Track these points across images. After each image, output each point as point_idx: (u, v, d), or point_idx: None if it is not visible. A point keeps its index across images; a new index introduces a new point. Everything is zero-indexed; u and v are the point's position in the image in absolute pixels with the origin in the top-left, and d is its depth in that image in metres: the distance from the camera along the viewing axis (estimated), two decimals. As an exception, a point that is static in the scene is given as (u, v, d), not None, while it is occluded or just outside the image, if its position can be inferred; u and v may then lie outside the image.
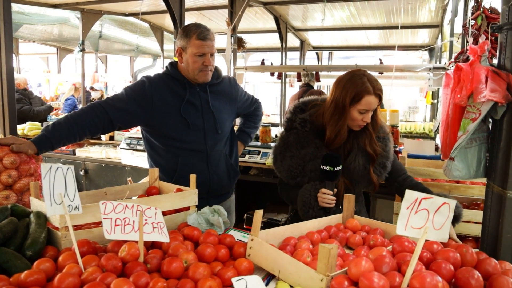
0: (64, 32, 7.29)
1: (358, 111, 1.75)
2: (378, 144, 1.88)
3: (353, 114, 1.76)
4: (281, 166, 1.90)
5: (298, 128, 1.88)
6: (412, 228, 1.01)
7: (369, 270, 1.01)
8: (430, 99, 6.42)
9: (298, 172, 1.84)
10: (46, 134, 1.86)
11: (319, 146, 1.84)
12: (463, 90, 1.28)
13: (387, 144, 1.92)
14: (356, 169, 1.83)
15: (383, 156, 1.89)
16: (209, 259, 1.26)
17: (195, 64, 2.06)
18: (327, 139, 1.83)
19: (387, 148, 1.91)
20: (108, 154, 4.16)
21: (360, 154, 1.85)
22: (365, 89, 1.72)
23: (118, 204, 1.24)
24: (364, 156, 1.85)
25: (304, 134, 1.86)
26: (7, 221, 1.32)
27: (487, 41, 1.35)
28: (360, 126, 1.80)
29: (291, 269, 1.17)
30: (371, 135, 1.86)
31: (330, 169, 1.68)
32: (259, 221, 1.30)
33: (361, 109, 1.74)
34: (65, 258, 1.14)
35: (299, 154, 1.84)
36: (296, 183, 1.86)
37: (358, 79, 1.76)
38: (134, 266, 1.11)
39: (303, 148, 1.84)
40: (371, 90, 1.73)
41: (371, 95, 1.73)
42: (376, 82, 1.77)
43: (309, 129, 1.87)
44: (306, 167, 1.83)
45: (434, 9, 5.59)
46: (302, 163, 1.83)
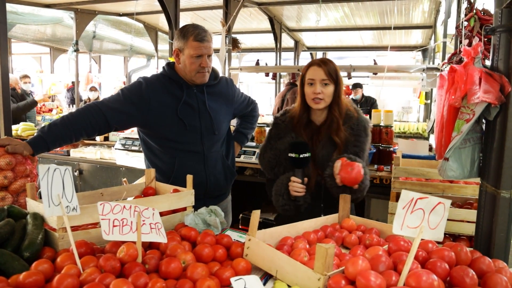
0: (58, 32, 7.24)
1: (307, 84, 1.88)
2: (348, 133, 1.91)
3: (306, 90, 1.91)
4: (263, 159, 2.02)
5: (279, 123, 2.02)
6: (408, 228, 1.02)
7: (366, 269, 1.03)
8: (424, 99, 6.48)
9: (275, 162, 1.95)
10: (42, 135, 1.85)
11: (294, 136, 1.94)
12: (457, 91, 1.30)
13: (360, 134, 1.93)
14: (324, 157, 1.89)
15: (355, 146, 1.90)
16: (206, 259, 1.27)
17: (192, 66, 2.06)
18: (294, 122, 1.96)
19: (361, 139, 1.92)
20: (103, 155, 4.15)
21: (328, 143, 1.92)
22: (310, 63, 1.93)
23: (116, 205, 1.24)
24: (332, 144, 1.91)
25: (282, 126, 2.00)
26: (4, 222, 1.31)
27: (480, 43, 1.38)
28: (315, 101, 1.87)
29: (289, 269, 1.19)
30: (339, 122, 1.91)
31: (296, 155, 1.75)
32: (257, 222, 1.31)
33: (308, 79, 1.88)
34: (63, 259, 1.14)
35: (277, 145, 1.96)
36: (274, 174, 1.95)
37: (311, 60, 1.97)
38: (133, 266, 1.12)
39: (280, 139, 1.96)
40: (315, 62, 1.90)
41: (314, 65, 1.88)
42: (323, 59, 1.93)
43: (288, 122, 1.99)
44: (281, 157, 1.92)
45: (427, 10, 5.65)
46: (278, 153, 1.94)
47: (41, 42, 7.94)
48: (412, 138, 4.74)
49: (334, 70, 1.88)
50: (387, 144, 3.15)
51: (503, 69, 1.31)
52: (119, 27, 6.78)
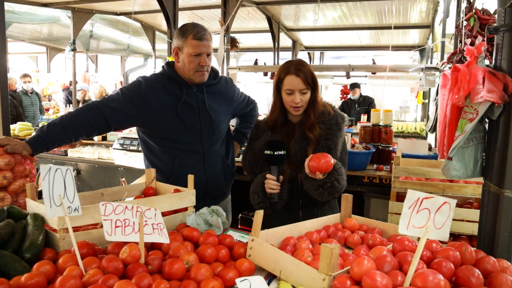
0: (54, 31, 7.20)
1: (285, 92, 1.85)
2: (320, 127, 1.90)
3: (283, 97, 1.88)
4: (244, 161, 2.03)
5: (258, 124, 2.05)
6: (414, 228, 1.02)
7: (372, 270, 1.02)
8: (421, 99, 6.50)
9: (254, 161, 1.96)
10: (41, 135, 1.84)
11: (270, 134, 1.95)
12: (461, 90, 1.30)
13: (331, 127, 1.91)
14: (297, 153, 1.90)
15: (327, 139, 1.89)
16: (209, 259, 1.26)
17: (191, 64, 2.05)
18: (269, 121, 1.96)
19: (332, 132, 1.90)
20: (101, 155, 4.12)
21: (300, 139, 1.92)
22: (286, 70, 1.85)
23: (118, 205, 1.23)
24: (304, 140, 1.91)
25: (259, 127, 2.02)
26: (4, 223, 1.30)
27: (483, 42, 1.37)
28: (294, 109, 1.87)
29: (293, 269, 1.18)
30: (312, 120, 1.91)
31: (271, 152, 1.76)
32: (260, 222, 1.30)
33: (286, 89, 1.84)
34: (65, 260, 1.13)
35: (254, 145, 1.97)
36: (254, 174, 1.96)
37: (284, 64, 1.89)
38: (136, 267, 1.11)
39: (257, 138, 1.98)
40: (291, 70, 1.82)
41: (291, 75, 1.82)
42: (298, 65, 1.84)
43: (264, 123, 2.01)
44: (257, 155, 1.94)
45: (425, 10, 5.66)
46: (256, 151, 1.95)
47: (37, 41, 7.89)
48: (411, 138, 4.75)
49: (311, 76, 1.84)
50: (387, 144, 3.16)
51: (506, 69, 1.30)
52: (116, 26, 6.75)
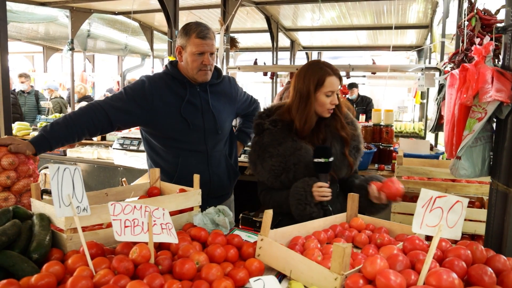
0: (51, 31, 7.15)
1: (324, 94, 1.83)
2: (349, 127, 1.94)
3: (321, 99, 1.84)
4: (262, 169, 1.89)
5: (270, 128, 1.91)
6: (427, 226, 1.02)
7: (385, 269, 1.02)
8: (419, 99, 6.52)
9: (281, 169, 1.85)
10: (44, 134, 1.82)
11: (295, 139, 1.88)
12: (469, 90, 1.30)
13: (356, 129, 1.98)
14: (334, 155, 1.85)
15: (355, 140, 1.95)
16: (219, 259, 1.25)
17: (194, 63, 2.04)
18: (297, 129, 1.88)
19: (357, 133, 1.97)
20: (100, 155, 4.10)
21: (334, 140, 1.90)
22: (325, 72, 1.83)
23: (127, 205, 1.22)
24: (339, 141, 1.91)
25: (278, 132, 1.90)
26: (10, 223, 1.28)
27: (492, 42, 1.38)
28: (329, 111, 1.86)
29: (304, 269, 1.17)
30: (341, 119, 1.92)
31: (326, 160, 1.73)
32: (269, 221, 1.29)
33: (327, 91, 1.82)
34: (75, 261, 1.12)
35: (278, 152, 1.86)
36: (280, 182, 1.86)
37: (316, 66, 1.88)
38: (146, 268, 1.10)
39: (280, 145, 1.87)
40: (331, 72, 1.83)
41: (332, 76, 1.83)
42: (332, 66, 1.87)
43: (281, 126, 1.91)
44: (288, 162, 1.84)
45: (422, 10, 5.68)
46: (283, 159, 1.85)
47: (34, 41, 7.84)
48: (411, 138, 4.76)
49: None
50: (388, 144, 3.16)
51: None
52: (114, 26, 6.72)
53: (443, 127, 2.89)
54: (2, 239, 1.19)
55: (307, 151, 1.84)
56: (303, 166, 1.82)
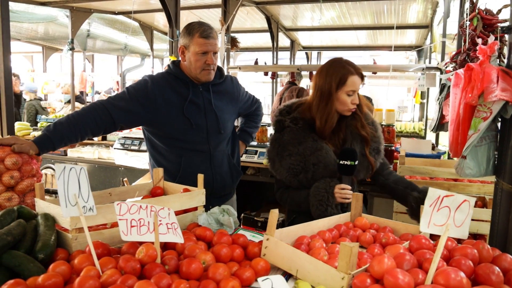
0: (51, 31, 7.14)
1: (346, 93, 1.81)
2: (370, 128, 1.93)
3: (342, 98, 1.82)
4: (281, 167, 1.89)
5: (291, 126, 1.90)
6: (435, 226, 1.02)
7: (392, 268, 1.02)
8: (419, 98, 6.53)
9: (300, 168, 1.84)
10: (48, 134, 1.82)
11: (316, 139, 1.87)
12: (474, 89, 1.30)
13: (377, 129, 1.97)
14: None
15: (375, 141, 1.94)
16: (225, 259, 1.25)
17: (198, 63, 2.04)
18: (318, 128, 1.87)
19: (377, 134, 1.96)
20: (101, 155, 4.09)
21: (355, 140, 1.89)
22: (348, 71, 1.81)
23: (133, 205, 1.22)
24: (359, 141, 1.90)
25: (299, 131, 1.88)
26: (15, 223, 1.28)
27: (496, 41, 1.38)
28: (350, 109, 1.85)
29: (310, 268, 1.17)
30: (361, 119, 1.91)
31: (352, 163, 1.72)
32: (275, 221, 1.29)
33: (348, 90, 1.81)
34: (81, 261, 1.11)
35: (298, 151, 1.85)
36: (298, 181, 1.86)
37: (338, 64, 1.85)
38: (153, 267, 1.09)
39: (301, 143, 1.86)
40: (353, 71, 1.81)
41: (355, 75, 1.81)
42: (355, 65, 1.86)
43: (302, 125, 1.89)
44: (307, 162, 1.83)
45: (422, 10, 5.68)
46: (303, 158, 1.84)
47: (33, 40, 7.82)
48: (412, 137, 4.77)
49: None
50: (389, 143, 3.16)
51: (519, 67, 1.31)
52: (113, 25, 6.71)
53: (444, 127, 2.90)
54: (8, 239, 1.18)
55: (328, 151, 1.84)
56: (323, 166, 1.82)
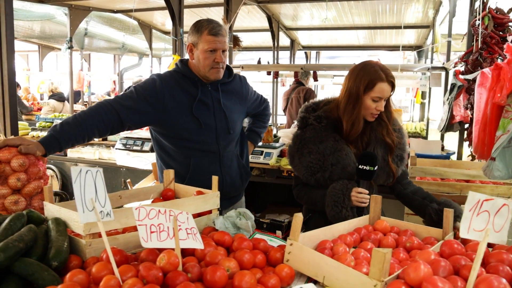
0: (48, 29, 7.03)
1: (371, 99, 1.76)
2: (395, 135, 1.88)
3: (367, 102, 1.77)
4: (300, 164, 1.87)
5: (314, 124, 1.87)
6: (474, 231, 0.97)
7: (429, 275, 0.97)
8: (420, 98, 6.52)
9: (318, 167, 1.82)
10: (54, 134, 1.75)
11: (338, 139, 1.83)
12: (503, 89, 1.26)
13: (402, 137, 1.92)
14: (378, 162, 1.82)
15: (400, 148, 1.89)
16: (247, 266, 1.20)
17: (206, 61, 1.99)
18: (345, 131, 1.82)
19: (403, 141, 1.92)
20: (102, 155, 4.02)
21: (378, 145, 1.85)
22: (378, 76, 1.74)
23: (151, 209, 1.16)
24: (383, 147, 1.85)
25: (321, 129, 1.85)
26: (26, 229, 1.22)
27: (526, 39, 1.34)
28: (373, 115, 1.80)
29: (338, 275, 1.12)
30: (387, 125, 1.86)
31: (371, 168, 1.68)
32: (299, 225, 1.24)
33: (375, 96, 1.75)
34: (100, 269, 1.05)
35: (318, 149, 1.82)
36: (315, 180, 1.83)
37: (370, 68, 1.78)
38: (176, 276, 1.04)
39: (321, 142, 1.83)
40: (384, 77, 1.74)
41: (384, 82, 1.74)
42: (388, 71, 1.78)
43: (325, 124, 1.86)
44: (326, 161, 1.80)
45: (423, 10, 5.66)
46: (322, 157, 1.81)
47: (30, 39, 7.70)
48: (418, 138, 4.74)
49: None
50: (397, 143, 3.12)
51: (549, 66, 1.27)
52: (112, 24, 6.62)
53: (454, 127, 2.88)
54: (20, 245, 1.12)
55: (348, 153, 1.80)
56: (341, 167, 1.79)
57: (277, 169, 3.31)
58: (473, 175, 2.33)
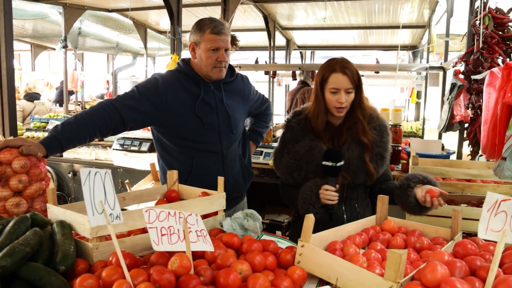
0: (40, 28, 6.93)
1: (329, 91, 1.77)
2: (373, 133, 1.84)
3: (327, 96, 1.79)
4: (280, 164, 1.92)
5: (293, 126, 1.91)
6: (492, 231, 0.97)
7: (447, 276, 0.96)
8: (415, 98, 6.55)
9: (295, 166, 1.85)
10: (56, 135, 1.72)
11: (312, 138, 1.85)
12: (514, 88, 1.25)
13: (383, 135, 1.87)
14: (351, 159, 1.81)
15: (379, 146, 1.85)
16: (259, 268, 1.18)
17: (209, 60, 1.97)
18: (313, 126, 1.85)
19: (384, 139, 1.86)
20: (98, 156, 3.97)
21: (354, 144, 1.83)
22: (331, 68, 1.76)
23: (161, 211, 1.14)
24: (359, 145, 1.83)
25: (299, 130, 1.89)
26: (31, 232, 1.18)
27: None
28: (337, 109, 1.79)
29: (352, 276, 1.11)
30: (363, 124, 1.84)
31: (333, 164, 1.66)
32: (311, 227, 1.23)
33: (331, 88, 1.75)
34: (110, 273, 1.02)
35: (294, 149, 1.86)
36: (293, 179, 1.86)
37: (328, 62, 1.81)
38: (189, 279, 1.02)
39: (297, 142, 1.87)
40: (337, 68, 1.75)
41: (338, 73, 1.74)
42: (344, 63, 1.77)
43: (303, 125, 1.89)
44: (301, 160, 1.83)
45: (419, 10, 5.69)
46: (298, 156, 1.85)
47: (22, 38, 7.59)
48: (416, 137, 4.76)
49: (357, 74, 1.78)
50: (396, 143, 3.13)
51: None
52: (106, 23, 6.55)
53: (454, 127, 2.88)
54: (26, 250, 1.09)
55: (321, 151, 1.79)
56: (315, 165, 1.79)
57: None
58: (475, 174, 2.33)
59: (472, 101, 2.47)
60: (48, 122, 4.50)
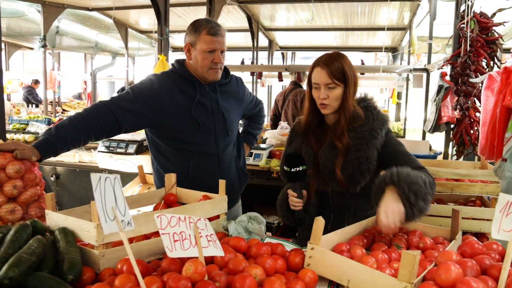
0: (14, 26, 6.68)
1: (313, 87, 1.72)
2: (350, 136, 1.68)
3: (312, 92, 1.74)
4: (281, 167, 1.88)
5: (294, 128, 1.92)
6: (504, 232, 0.99)
7: (461, 276, 0.98)
8: (396, 99, 6.69)
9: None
10: (50, 138, 1.66)
11: (302, 140, 1.83)
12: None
13: (363, 136, 1.66)
14: (324, 164, 1.74)
15: (357, 150, 1.65)
16: (270, 272, 1.17)
17: (205, 61, 1.94)
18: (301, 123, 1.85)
19: (364, 142, 1.66)
20: (82, 158, 3.86)
21: (329, 149, 1.73)
22: (315, 63, 1.71)
23: (172, 216, 1.12)
24: (333, 150, 1.71)
25: (295, 130, 1.90)
26: (35, 241, 1.14)
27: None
28: (321, 106, 1.70)
29: (365, 278, 1.12)
30: (342, 126, 1.69)
31: (288, 169, 1.59)
32: (321, 229, 1.23)
33: (314, 83, 1.70)
34: (123, 282, 1.00)
35: (289, 150, 1.87)
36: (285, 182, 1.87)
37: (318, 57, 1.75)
38: (205, 286, 1.00)
39: (291, 144, 1.88)
40: (317, 62, 1.69)
41: (317, 67, 1.67)
42: (329, 57, 1.67)
43: (299, 127, 1.88)
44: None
45: (400, 12, 5.81)
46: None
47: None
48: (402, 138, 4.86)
49: (341, 70, 1.63)
50: (384, 144, 3.18)
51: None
52: (85, 22, 6.38)
53: (440, 128, 2.96)
54: (32, 259, 1.05)
55: (307, 154, 1.78)
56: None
57: (267, 171, 3.29)
58: (463, 174, 2.39)
59: (460, 103, 2.55)
60: (28, 124, 4.35)
